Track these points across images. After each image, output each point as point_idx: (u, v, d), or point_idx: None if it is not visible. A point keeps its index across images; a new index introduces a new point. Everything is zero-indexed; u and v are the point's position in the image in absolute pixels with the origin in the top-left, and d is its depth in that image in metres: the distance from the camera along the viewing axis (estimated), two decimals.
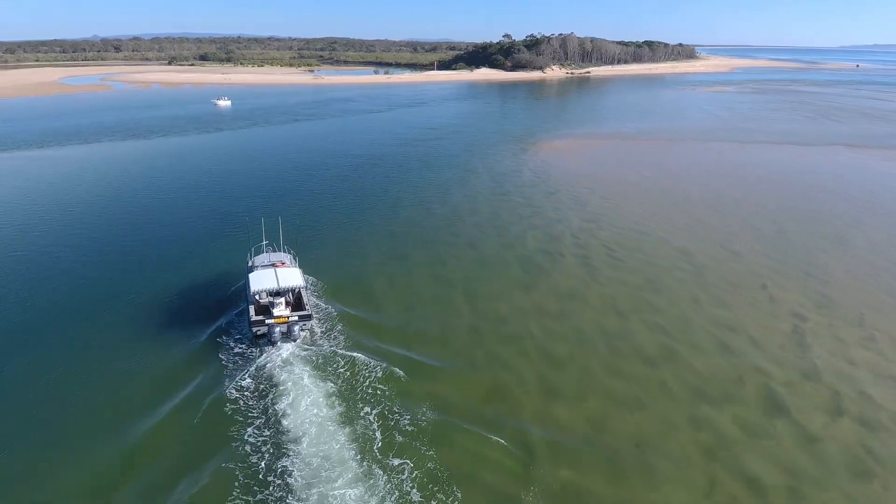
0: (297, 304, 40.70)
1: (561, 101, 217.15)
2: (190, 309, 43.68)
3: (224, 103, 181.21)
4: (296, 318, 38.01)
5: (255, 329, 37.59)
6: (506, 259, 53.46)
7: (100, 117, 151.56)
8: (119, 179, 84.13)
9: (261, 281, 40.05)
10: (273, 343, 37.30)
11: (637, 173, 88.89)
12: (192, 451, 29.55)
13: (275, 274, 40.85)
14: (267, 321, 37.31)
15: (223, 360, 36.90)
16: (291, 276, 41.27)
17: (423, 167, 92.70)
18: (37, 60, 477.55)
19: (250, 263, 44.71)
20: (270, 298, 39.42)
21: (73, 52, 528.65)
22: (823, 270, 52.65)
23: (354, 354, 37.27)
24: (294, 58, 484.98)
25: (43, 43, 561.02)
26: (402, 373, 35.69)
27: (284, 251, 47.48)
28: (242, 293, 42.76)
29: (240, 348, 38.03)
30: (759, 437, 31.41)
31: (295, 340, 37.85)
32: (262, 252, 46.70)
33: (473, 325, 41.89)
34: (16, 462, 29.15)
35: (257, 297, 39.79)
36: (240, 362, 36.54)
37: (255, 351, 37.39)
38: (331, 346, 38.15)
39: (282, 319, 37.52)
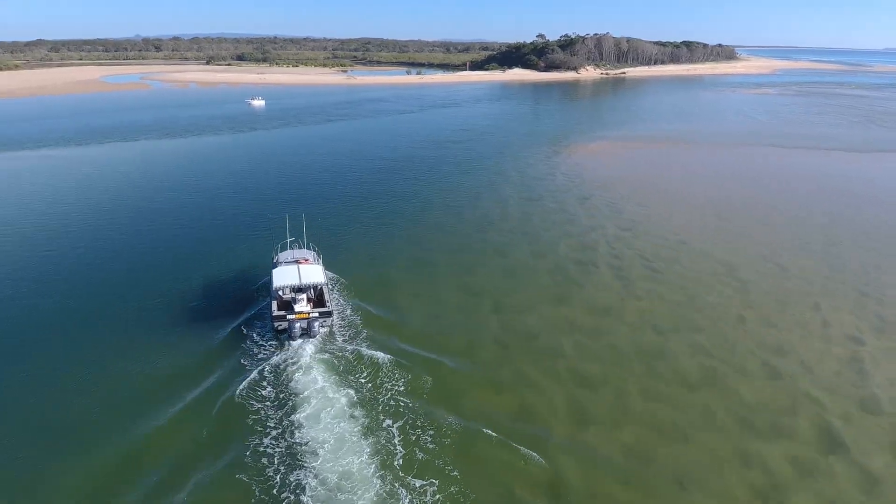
0: (318, 300, 40.86)
1: (595, 102, 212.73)
2: (215, 304, 44.05)
3: (258, 103, 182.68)
4: (316, 314, 38.25)
5: (276, 324, 38.03)
6: (536, 269, 51.17)
7: (137, 116, 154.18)
8: (152, 178, 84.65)
9: (283, 277, 40.63)
10: (293, 338, 37.60)
11: (676, 179, 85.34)
12: (203, 453, 29.02)
13: (297, 270, 41.21)
14: (288, 316, 37.73)
15: (243, 356, 36.97)
16: (313, 272, 41.55)
17: (453, 170, 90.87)
18: (80, 59, 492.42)
19: (275, 260, 45.22)
20: (293, 294, 39.96)
21: (116, 51, 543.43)
22: (880, 289, 48.87)
23: (377, 357, 36.61)
24: (328, 58, 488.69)
25: (86, 42, 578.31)
26: (425, 381, 34.46)
27: (309, 249, 47.80)
28: (267, 289, 43.30)
29: (261, 344, 38.18)
30: (814, 476, 28.58)
31: (314, 337, 37.95)
32: (287, 249, 47.21)
33: (501, 338, 39.83)
34: (30, 454, 29.03)
35: (280, 292, 40.24)
36: (259, 360, 36.44)
37: (276, 347, 37.63)
38: (352, 347, 37.72)
39: (302, 315, 37.87)
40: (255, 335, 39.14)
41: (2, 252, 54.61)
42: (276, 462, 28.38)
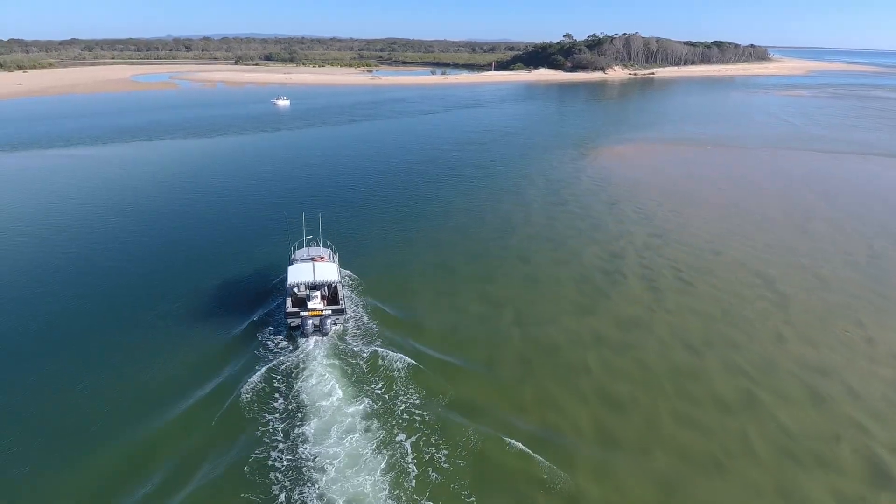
0: (332, 298, 40.79)
1: (622, 103, 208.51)
2: (230, 301, 44.29)
3: (283, 103, 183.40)
4: (329, 311, 38.14)
5: (289, 320, 38.33)
6: (560, 277, 49.15)
7: (164, 115, 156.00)
8: (175, 178, 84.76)
9: (298, 274, 40.70)
10: (305, 335, 37.90)
11: (709, 184, 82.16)
12: (206, 456, 28.71)
13: (312, 268, 41.23)
14: (301, 313, 37.75)
15: (254, 354, 36.98)
16: (328, 270, 41.40)
17: (475, 172, 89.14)
18: (112, 58, 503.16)
19: (292, 258, 45.48)
20: (307, 292, 40.27)
21: (147, 50, 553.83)
22: None
23: (392, 362, 36.04)
24: (354, 58, 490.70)
25: (119, 41, 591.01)
26: (441, 394, 33.42)
27: (326, 247, 47.96)
28: (283, 287, 43.39)
29: (273, 342, 38.29)
30: None
31: (326, 335, 38.14)
32: (304, 247, 47.61)
33: (522, 352, 38.04)
34: (33, 454, 29.10)
35: (294, 289, 40.44)
36: (269, 359, 36.32)
37: (288, 345, 37.73)
38: (367, 349, 37.37)
39: (315, 313, 37.84)
40: (268, 332, 39.27)
41: (22, 252, 54.72)
42: (279, 471, 27.79)
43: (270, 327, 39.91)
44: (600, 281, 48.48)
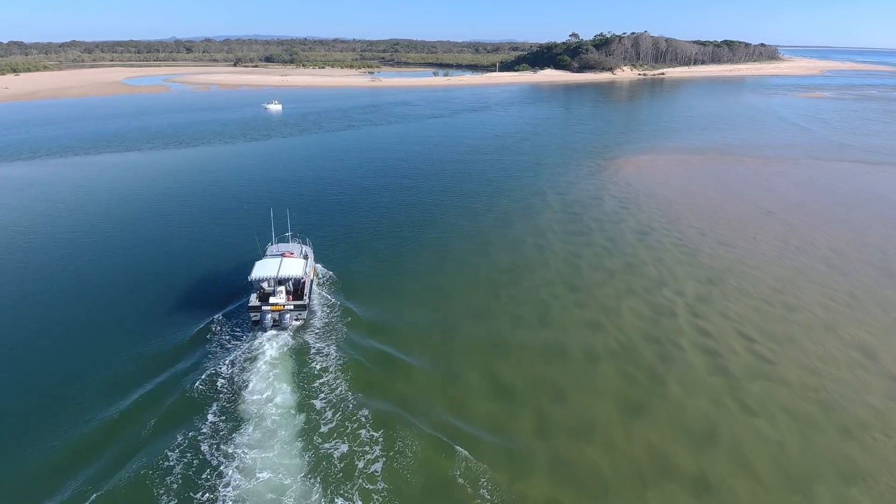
0: (299, 295, 40.42)
1: (636, 105, 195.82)
2: (199, 297, 44.05)
3: (275, 107, 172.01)
4: (291, 307, 38.50)
5: (251, 314, 38.40)
6: (595, 350, 36.97)
7: (149, 120, 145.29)
8: (144, 190, 73.23)
9: (262, 269, 40.56)
10: (265, 329, 37.78)
11: (753, 205, 69.86)
12: (140, 448, 28.20)
13: (278, 263, 41.13)
14: (263, 307, 37.88)
15: (211, 346, 36.77)
16: (294, 266, 41.06)
17: (481, 188, 77.14)
18: (111, 61, 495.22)
19: (264, 253, 45.31)
20: (273, 287, 40.17)
21: (147, 52, 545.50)
22: None
23: (346, 358, 35.51)
24: (356, 59, 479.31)
25: (119, 43, 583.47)
26: (388, 396, 32.52)
27: (304, 244, 48.48)
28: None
29: (234, 335, 38.22)
30: None
31: (285, 329, 38.10)
32: (276, 244, 47.72)
33: (552, 498, 26.02)
34: None
35: (263, 284, 40.42)
36: (224, 351, 36.19)
37: (245, 339, 37.40)
38: (322, 346, 36.75)
39: (277, 307, 38.00)
40: (229, 327, 39.17)
41: None
42: (205, 463, 27.27)
43: (233, 322, 39.69)
44: (649, 356, 36.32)
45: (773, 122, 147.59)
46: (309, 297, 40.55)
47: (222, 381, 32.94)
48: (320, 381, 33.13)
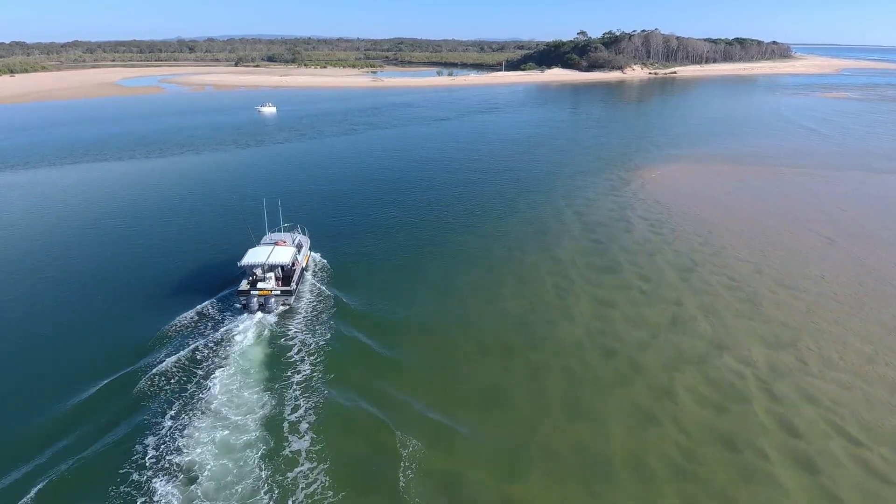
0: (286, 281, 41.90)
1: (650, 106, 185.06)
2: (195, 284, 45.60)
3: (269, 110, 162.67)
4: (278, 292, 40.13)
5: (241, 298, 40.10)
6: (646, 465, 26.96)
7: (136, 125, 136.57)
8: (122, 203, 63.86)
9: (252, 255, 41.86)
10: (251, 312, 39.29)
11: (813, 231, 59.44)
12: (112, 427, 28.88)
13: (269, 251, 42.44)
14: (252, 292, 39.56)
15: (195, 330, 38.03)
16: (283, 254, 42.37)
17: (489, 211, 67.07)
18: (113, 61, 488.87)
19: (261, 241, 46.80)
20: (263, 273, 41.01)
21: (150, 52, 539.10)
22: None
23: (326, 346, 36.26)
24: (359, 59, 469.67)
25: (122, 43, 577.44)
26: (363, 389, 34.91)
27: (301, 233, 50.45)
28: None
29: (222, 317, 39.74)
30: None
31: (269, 312, 39.45)
32: (271, 232, 49.61)
33: None
34: None
35: (251, 270, 41.24)
36: (210, 330, 37.81)
37: (228, 323, 38.69)
38: (306, 336, 37.45)
39: (264, 292, 39.63)
40: (220, 310, 40.65)
41: None
42: (166, 436, 28.17)
43: (225, 305, 41.25)
44: (723, 473, 26.20)
45: (801, 125, 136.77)
46: (297, 284, 42.42)
47: (201, 358, 34.43)
48: (291, 363, 34.27)
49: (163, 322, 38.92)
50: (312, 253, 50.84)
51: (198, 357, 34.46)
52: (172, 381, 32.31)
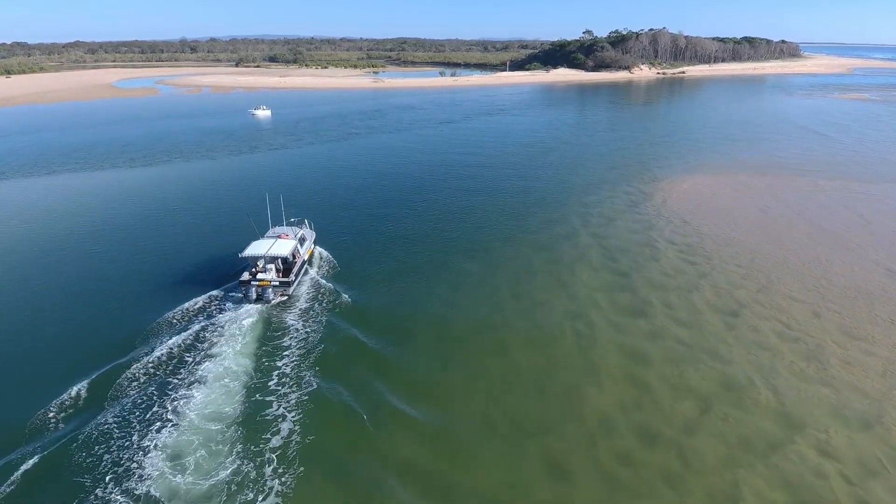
0: (286, 273, 43.12)
1: (661, 108, 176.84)
2: (201, 275, 46.88)
3: (263, 113, 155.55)
4: (276, 283, 41.38)
5: (241, 288, 41.33)
6: None
7: (128, 129, 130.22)
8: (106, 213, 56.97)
9: (254, 247, 43.43)
10: (249, 301, 40.69)
11: (868, 259, 50.91)
12: (87, 418, 29.19)
13: (270, 243, 43.95)
14: (251, 282, 40.86)
15: (201, 316, 39.56)
16: (283, 246, 43.65)
17: (495, 235, 59.25)
18: (114, 61, 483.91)
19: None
20: (264, 265, 42.29)
21: (151, 52, 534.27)
22: None
23: (321, 341, 36.46)
24: (361, 59, 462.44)
25: (123, 43, 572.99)
26: (354, 385, 31.74)
27: (307, 226, 51.62)
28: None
29: (222, 306, 41.02)
30: None
31: (268, 302, 40.78)
32: (281, 226, 50.58)
33: None
34: None
35: (254, 261, 42.72)
36: (208, 318, 39.15)
37: (226, 313, 39.77)
38: (301, 326, 38.22)
39: (264, 283, 40.89)
40: (221, 300, 41.90)
41: None
42: (156, 413, 29.07)
43: (227, 295, 42.46)
44: None
45: (825, 129, 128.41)
46: (296, 277, 43.46)
47: (195, 346, 35.36)
48: (280, 353, 34.91)
49: (165, 310, 40.33)
50: (318, 248, 52.16)
51: (192, 344, 35.50)
52: (161, 369, 33.13)
